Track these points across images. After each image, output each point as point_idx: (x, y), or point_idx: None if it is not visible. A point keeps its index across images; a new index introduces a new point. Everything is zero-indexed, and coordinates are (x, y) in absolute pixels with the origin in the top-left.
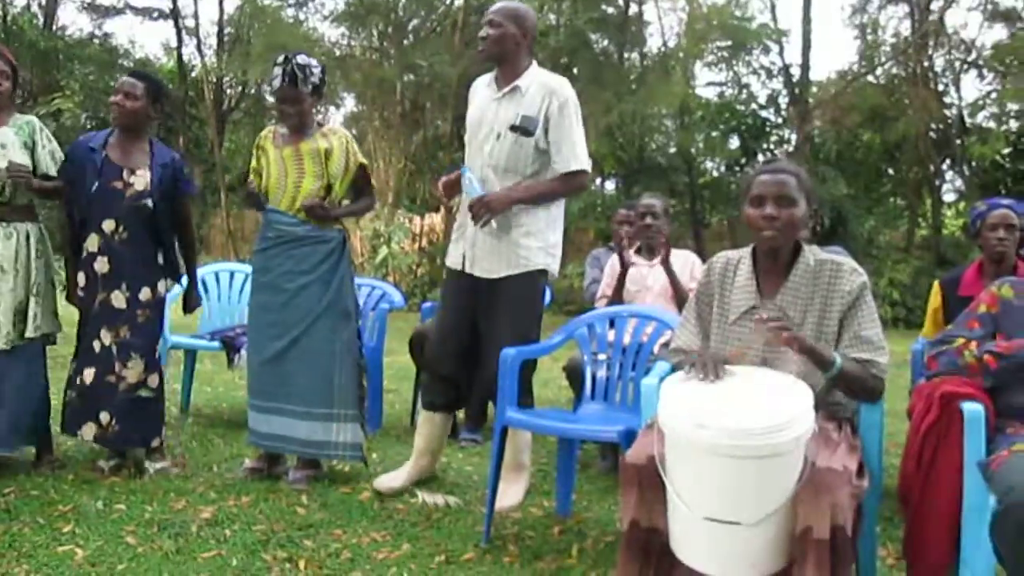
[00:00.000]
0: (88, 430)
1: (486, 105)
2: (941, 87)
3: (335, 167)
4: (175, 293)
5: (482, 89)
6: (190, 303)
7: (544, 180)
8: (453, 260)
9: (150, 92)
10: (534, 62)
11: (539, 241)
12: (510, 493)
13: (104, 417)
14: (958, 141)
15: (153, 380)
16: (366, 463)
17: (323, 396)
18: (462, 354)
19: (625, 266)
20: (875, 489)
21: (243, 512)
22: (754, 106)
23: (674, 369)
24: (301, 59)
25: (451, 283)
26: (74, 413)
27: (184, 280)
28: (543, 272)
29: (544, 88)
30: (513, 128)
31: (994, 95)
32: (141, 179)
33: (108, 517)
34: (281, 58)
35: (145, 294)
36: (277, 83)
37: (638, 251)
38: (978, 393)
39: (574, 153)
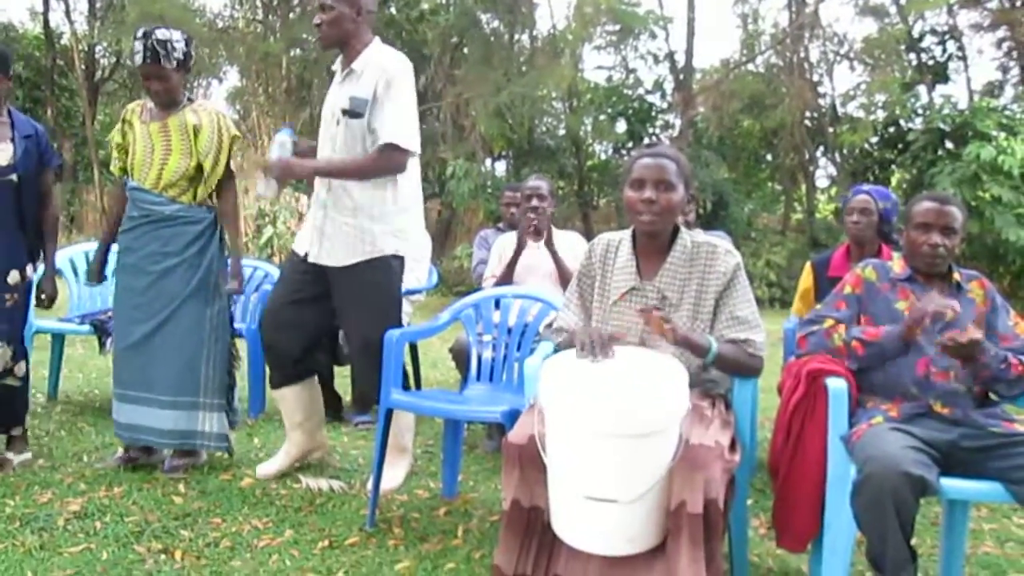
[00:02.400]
0: None
1: (332, 91)
2: (816, 77)
3: (204, 144)
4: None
5: (336, 74)
6: (46, 292)
7: (354, 155)
8: (299, 246)
9: None
10: (376, 39)
11: (386, 225)
12: (391, 475)
13: None
14: (830, 129)
15: (20, 368)
16: (231, 453)
17: (189, 384)
18: (293, 329)
19: (521, 245)
20: (747, 462)
21: (115, 503)
22: (641, 91)
23: (557, 349)
24: (161, 34)
25: (292, 264)
26: None
27: (40, 267)
28: (396, 257)
29: (377, 68)
30: (344, 112)
31: (863, 86)
32: (3, 153)
33: None
34: (140, 33)
35: (13, 277)
36: (139, 59)
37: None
38: (842, 370)
39: (392, 127)
